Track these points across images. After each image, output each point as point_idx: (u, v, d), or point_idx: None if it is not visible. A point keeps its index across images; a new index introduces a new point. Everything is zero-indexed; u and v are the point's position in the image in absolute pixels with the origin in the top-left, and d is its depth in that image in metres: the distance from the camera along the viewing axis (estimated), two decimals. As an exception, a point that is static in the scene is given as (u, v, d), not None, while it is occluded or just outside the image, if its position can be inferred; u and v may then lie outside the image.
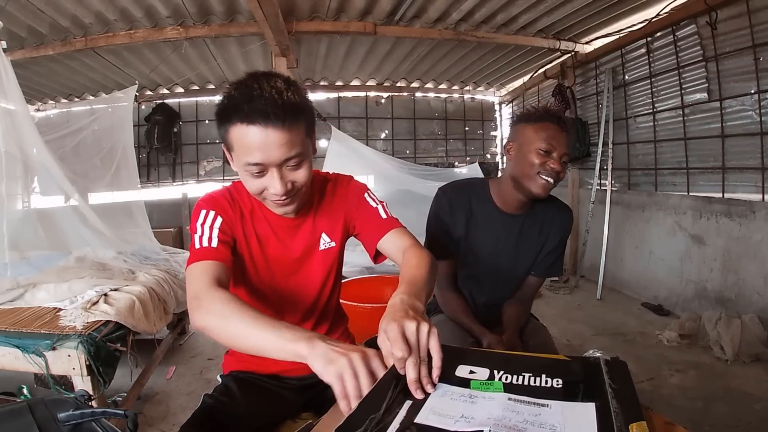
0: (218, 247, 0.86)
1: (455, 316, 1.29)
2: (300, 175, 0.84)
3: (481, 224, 1.27)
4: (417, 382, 0.60)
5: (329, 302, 1.08)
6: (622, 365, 0.67)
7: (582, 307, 3.46)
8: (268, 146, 0.77)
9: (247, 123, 0.76)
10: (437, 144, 5.97)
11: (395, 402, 0.58)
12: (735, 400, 2.03)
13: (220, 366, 1.11)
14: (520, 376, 0.64)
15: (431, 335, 0.63)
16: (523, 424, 0.53)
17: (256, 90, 0.76)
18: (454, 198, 1.27)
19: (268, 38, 3.07)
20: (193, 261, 0.84)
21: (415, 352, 0.61)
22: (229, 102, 0.78)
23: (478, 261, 1.29)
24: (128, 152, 2.88)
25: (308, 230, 1.00)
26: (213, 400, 0.94)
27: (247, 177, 0.84)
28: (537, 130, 1.15)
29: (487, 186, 1.29)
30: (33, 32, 3.05)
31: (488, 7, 3.12)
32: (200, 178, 5.31)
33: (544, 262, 1.31)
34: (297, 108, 0.79)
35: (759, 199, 2.65)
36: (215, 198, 0.95)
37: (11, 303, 1.87)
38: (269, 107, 0.75)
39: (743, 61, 2.66)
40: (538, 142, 1.13)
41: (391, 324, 0.62)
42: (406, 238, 0.95)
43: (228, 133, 0.80)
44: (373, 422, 0.53)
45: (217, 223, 0.90)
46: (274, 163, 0.80)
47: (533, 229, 1.28)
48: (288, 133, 0.78)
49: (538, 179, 1.14)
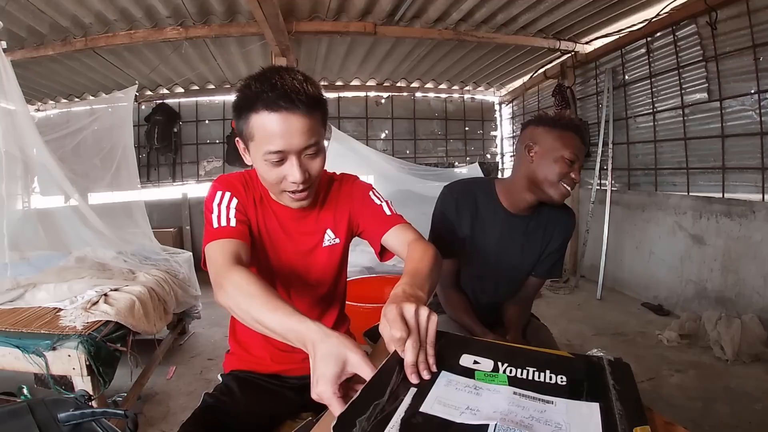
0: (237, 226, 0.87)
1: (457, 315, 1.30)
2: (316, 164, 0.86)
3: (487, 223, 1.27)
4: (414, 366, 0.59)
5: (331, 302, 1.08)
6: (626, 366, 0.67)
7: (582, 307, 3.46)
8: (290, 133, 0.80)
9: (270, 110, 0.79)
10: (437, 144, 5.97)
11: (400, 387, 0.57)
12: (735, 400, 2.03)
13: (220, 366, 1.11)
14: (524, 370, 0.64)
15: (430, 319, 0.63)
16: (529, 420, 0.53)
17: (278, 80, 0.79)
18: (460, 197, 1.27)
19: (268, 38, 3.07)
20: (210, 240, 0.84)
21: (414, 333, 0.61)
22: (250, 91, 0.80)
23: (483, 260, 1.29)
24: (128, 152, 2.87)
25: (312, 224, 1.00)
26: (213, 400, 0.94)
27: (266, 167, 0.84)
28: (564, 139, 1.15)
29: (493, 186, 1.29)
30: (33, 32, 3.05)
31: (488, 7, 3.12)
32: (200, 178, 5.30)
33: (546, 263, 1.32)
34: (316, 99, 0.82)
35: (759, 199, 2.66)
36: (230, 180, 0.96)
37: (11, 303, 1.87)
38: (293, 94, 0.78)
39: (743, 61, 2.66)
40: (565, 152, 1.14)
41: (389, 306, 0.63)
42: (411, 233, 0.95)
43: (248, 123, 0.82)
44: (377, 408, 0.52)
45: (233, 204, 0.91)
46: (294, 150, 0.82)
47: (538, 230, 1.29)
48: (309, 120, 0.81)
49: (560, 187, 1.16)
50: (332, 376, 0.56)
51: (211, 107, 5.21)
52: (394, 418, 0.52)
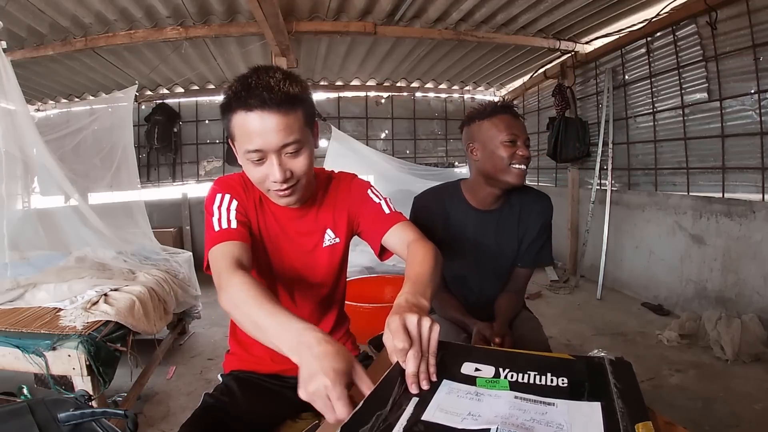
0: (237, 228, 0.88)
1: (446, 312, 1.32)
2: (299, 163, 0.85)
3: (459, 224, 1.30)
4: (414, 376, 0.60)
5: (332, 303, 1.08)
6: (627, 365, 0.67)
7: (582, 307, 3.46)
8: (265, 131, 0.80)
9: (246, 110, 0.80)
10: (437, 144, 5.97)
11: (402, 397, 0.58)
12: (735, 400, 2.03)
13: (221, 366, 1.11)
14: (525, 374, 0.65)
15: (432, 330, 0.64)
16: (530, 422, 0.53)
17: (254, 79, 0.80)
18: (429, 203, 1.31)
19: (268, 38, 3.07)
20: (213, 244, 0.85)
21: (416, 344, 0.62)
22: (231, 92, 0.82)
23: (462, 260, 1.32)
24: (128, 152, 2.87)
25: (311, 224, 1.00)
26: (214, 400, 0.94)
27: (249, 166, 0.86)
28: (496, 124, 1.19)
29: (459, 187, 1.33)
30: (33, 32, 3.04)
31: (488, 7, 3.12)
32: (200, 178, 5.30)
33: (530, 252, 1.33)
34: (294, 97, 0.82)
35: (759, 199, 2.65)
36: (229, 182, 0.97)
37: (11, 303, 1.87)
38: (265, 93, 0.78)
39: (743, 61, 2.66)
40: (502, 135, 1.17)
41: (393, 317, 0.64)
42: (410, 232, 0.95)
43: (231, 123, 0.84)
44: (380, 419, 0.53)
45: (233, 206, 0.92)
46: (272, 149, 0.82)
47: (510, 221, 1.31)
48: (285, 118, 0.80)
49: (512, 170, 1.18)
50: (343, 370, 0.55)
51: (211, 107, 5.21)
52: (396, 428, 0.52)
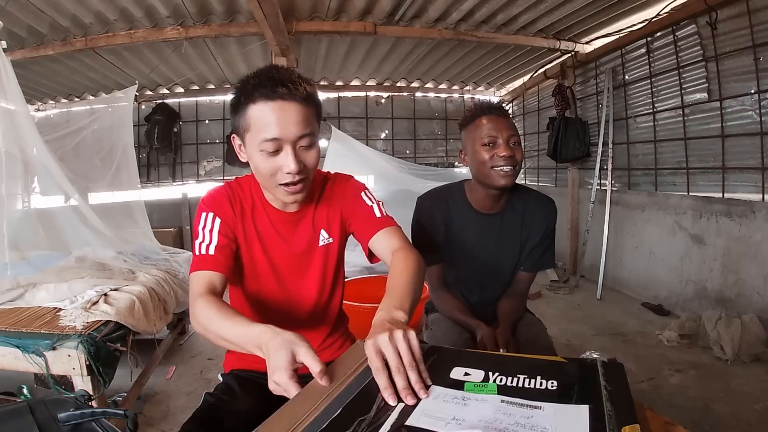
0: (215, 255, 0.90)
1: (450, 313, 1.32)
2: (311, 156, 0.88)
3: (461, 226, 1.30)
4: (407, 389, 0.59)
5: (330, 303, 1.08)
6: (619, 367, 0.66)
7: (582, 307, 3.46)
8: (286, 121, 0.83)
9: (268, 99, 0.82)
10: (437, 144, 5.98)
11: (387, 404, 0.58)
12: (735, 400, 2.03)
13: (221, 365, 1.11)
14: (514, 377, 0.64)
15: (408, 338, 0.64)
16: (514, 426, 0.53)
17: (275, 73, 0.84)
18: (432, 204, 1.31)
19: (268, 38, 3.07)
20: (193, 270, 0.89)
21: (393, 359, 0.61)
22: (249, 85, 0.84)
23: (463, 262, 1.32)
24: (128, 152, 2.87)
25: (308, 225, 1.00)
26: (214, 399, 0.94)
27: (261, 158, 0.86)
28: (475, 128, 1.19)
29: (463, 189, 1.32)
30: (33, 32, 3.05)
31: (488, 7, 3.12)
32: (200, 178, 5.31)
33: (532, 257, 1.32)
34: (310, 93, 0.87)
35: (759, 199, 2.65)
36: (215, 198, 0.97)
37: (11, 303, 1.87)
38: (291, 84, 0.82)
39: (743, 61, 2.66)
40: (479, 138, 1.17)
41: (367, 341, 0.65)
42: (396, 239, 0.95)
43: (245, 115, 0.85)
44: (363, 424, 0.53)
45: (216, 226, 0.93)
46: (289, 139, 0.84)
47: (513, 225, 1.30)
48: (305, 109, 0.85)
49: (494, 173, 1.17)
50: (286, 363, 0.63)
51: (211, 107, 5.21)
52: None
